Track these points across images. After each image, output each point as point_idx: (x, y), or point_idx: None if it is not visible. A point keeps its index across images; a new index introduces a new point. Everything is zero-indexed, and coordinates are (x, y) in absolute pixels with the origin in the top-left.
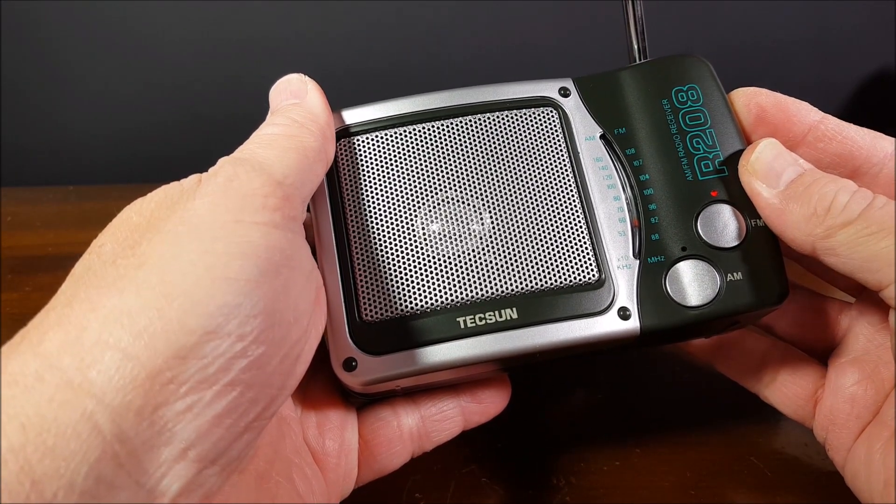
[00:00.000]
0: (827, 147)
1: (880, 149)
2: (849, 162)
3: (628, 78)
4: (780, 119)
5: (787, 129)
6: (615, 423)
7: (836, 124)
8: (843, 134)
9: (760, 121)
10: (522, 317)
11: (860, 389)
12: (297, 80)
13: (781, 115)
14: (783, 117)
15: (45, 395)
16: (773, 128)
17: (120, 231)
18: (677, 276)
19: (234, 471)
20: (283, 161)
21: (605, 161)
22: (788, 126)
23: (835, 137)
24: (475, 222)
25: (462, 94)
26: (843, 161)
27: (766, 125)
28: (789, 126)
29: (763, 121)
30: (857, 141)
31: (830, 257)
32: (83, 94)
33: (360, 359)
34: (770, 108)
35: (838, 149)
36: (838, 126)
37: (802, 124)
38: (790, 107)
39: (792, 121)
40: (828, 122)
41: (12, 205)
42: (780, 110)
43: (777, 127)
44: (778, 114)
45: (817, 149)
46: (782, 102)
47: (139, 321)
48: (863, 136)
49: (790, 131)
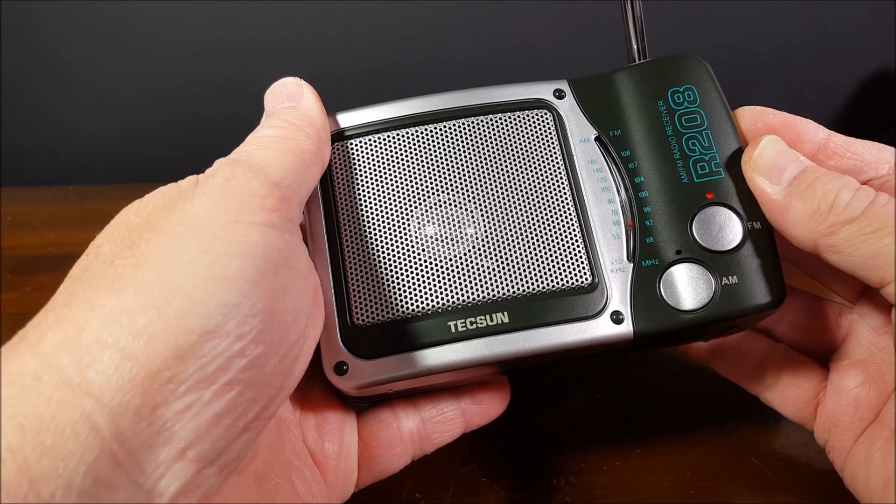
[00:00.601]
0: (837, 164)
1: (885, 160)
2: (857, 176)
3: (624, 79)
4: (789, 139)
5: (797, 149)
6: (615, 424)
7: (843, 141)
8: (851, 150)
9: None
10: (514, 320)
11: (863, 392)
12: (293, 84)
13: (791, 135)
14: (793, 136)
15: (43, 394)
16: None
17: (118, 232)
18: (672, 280)
19: (233, 471)
20: (281, 163)
21: (599, 163)
22: (798, 145)
23: (843, 154)
24: (468, 226)
25: (456, 97)
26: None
27: None
28: (799, 145)
29: None
30: (864, 155)
31: (832, 255)
32: (83, 94)
33: (351, 363)
34: (779, 127)
35: (847, 165)
36: (845, 142)
37: (811, 143)
38: (799, 126)
39: (802, 139)
40: (835, 140)
41: (12, 205)
42: (789, 129)
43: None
44: (787, 133)
45: (827, 166)
46: (791, 122)
47: (138, 321)
48: (868, 149)
49: (800, 150)
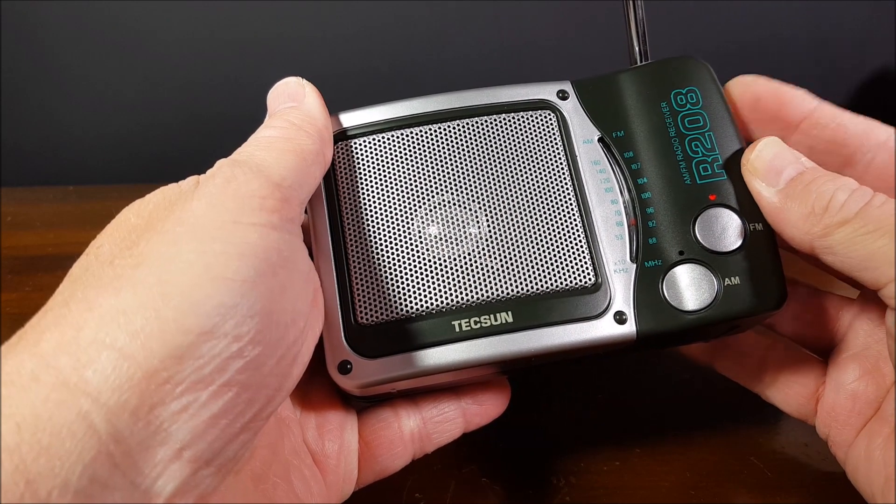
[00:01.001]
0: (820, 134)
1: (874, 136)
2: (842, 149)
3: (627, 80)
4: (774, 107)
5: (782, 117)
6: (615, 423)
7: (831, 111)
8: (837, 121)
9: (755, 109)
10: (518, 320)
11: (861, 385)
12: (295, 84)
13: (776, 103)
14: (777, 105)
15: (40, 394)
16: (767, 115)
17: (118, 232)
18: (674, 281)
19: (230, 472)
20: (281, 163)
21: (602, 164)
22: (783, 114)
23: (828, 125)
24: (472, 225)
25: (460, 98)
26: (836, 148)
27: (761, 113)
28: (784, 114)
29: (758, 109)
30: (851, 128)
31: (828, 256)
32: (83, 94)
33: (355, 362)
34: (765, 95)
35: (831, 136)
36: (833, 113)
37: (797, 112)
38: (785, 95)
39: (786, 108)
40: (823, 110)
41: (12, 205)
42: (775, 98)
43: (771, 115)
44: (772, 101)
45: (811, 136)
46: (778, 90)
47: (136, 321)
48: (857, 123)
49: (784, 119)
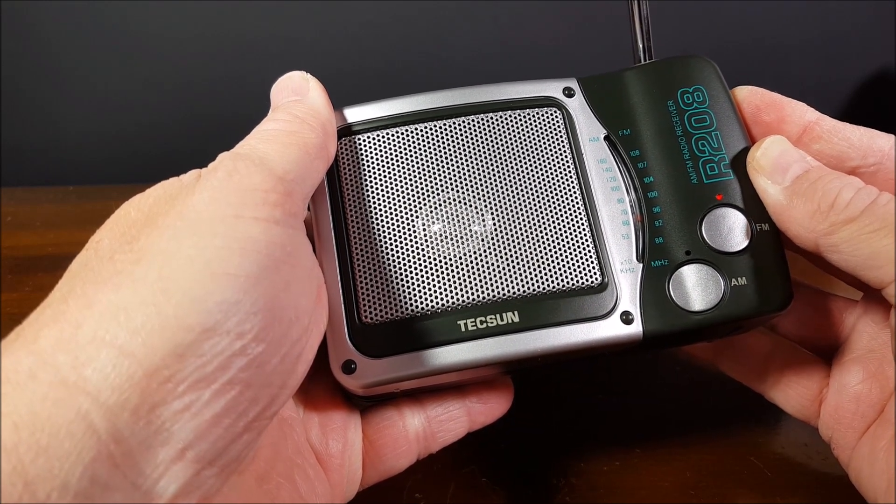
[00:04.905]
0: (822, 148)
1: (877, 147)
2: (844, 162)
3: (633, 78)
4: (773, 119)
5: (781, 130)
6: (615, 424)
7: (832, 125)
8: (839, 135)
9: (755, 120)
10: (524, 320)
11: (864, 388)
12: (299, 77)
13: (775, 115)
14: (776, 117)
15: (38, 393)
16: (766, 128)
17: (118, 226)
18: (681, 281)
19: (234, 472)
20: (284, 156)
21: (609, 163)
22: (781, 126)
23: (829, 139)
24: (477, 223)
25: (465, 94)
26: (838, 162)
27: (760, 125)
28: (782, 126)
29: (757, 121)
30: (853, 141)
31: (833, 254)
32: (83, 94)
33: (359, 361)
34: (764, 107)
35: (833, 150)
36: (834, 126)
37: (796, 125)
38: (785, 107)
39: (785, 121)
40: (823, 123)
41: (12, 205)
42: (775, 110)
43: (770, 127)
44: (771, 114)
45: (812, 150)
46: (777, 102)
47: (136, 318)
48: (859, 135)
49: (783, 132)
